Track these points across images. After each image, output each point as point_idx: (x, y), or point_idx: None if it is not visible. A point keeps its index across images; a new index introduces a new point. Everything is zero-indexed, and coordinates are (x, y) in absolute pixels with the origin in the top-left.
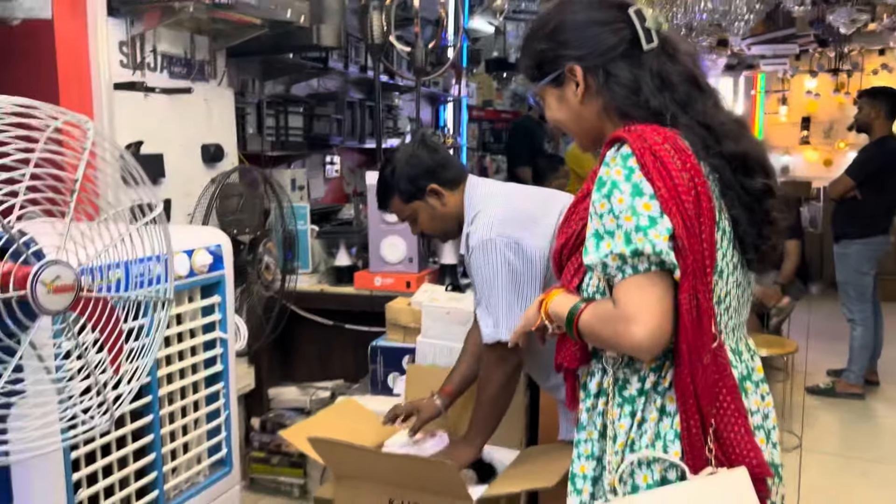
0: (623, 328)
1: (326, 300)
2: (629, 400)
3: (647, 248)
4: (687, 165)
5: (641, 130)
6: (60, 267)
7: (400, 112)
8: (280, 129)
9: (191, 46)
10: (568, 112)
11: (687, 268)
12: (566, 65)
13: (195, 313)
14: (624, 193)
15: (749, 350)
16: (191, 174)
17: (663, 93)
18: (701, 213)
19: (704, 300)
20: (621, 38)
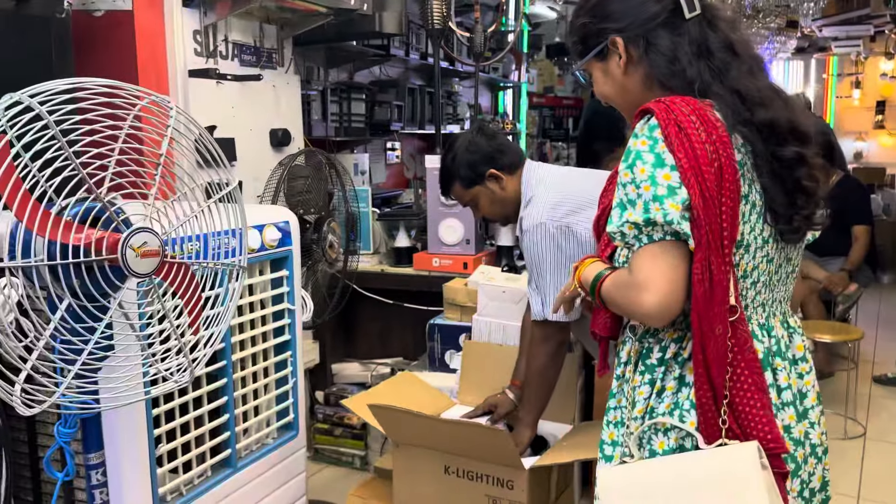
0: (635, 295)
1: (386, 280)
2: (650, 368)
3: (659, 218)
4: (712, 137)
5: (670, 102)
6: (147, 234)
7: (459, 98)
8: (343, 115)
9: (260, 35)
10: (613, 85)
11: (701, 238)
12: (609, 37)
13: (265, 285)
14: (646, 164)
15: (787, 327)
16: (260, 158)
17: (700, 60)
18: (722, 185)
19: (718, 272)
20: (663, 6)
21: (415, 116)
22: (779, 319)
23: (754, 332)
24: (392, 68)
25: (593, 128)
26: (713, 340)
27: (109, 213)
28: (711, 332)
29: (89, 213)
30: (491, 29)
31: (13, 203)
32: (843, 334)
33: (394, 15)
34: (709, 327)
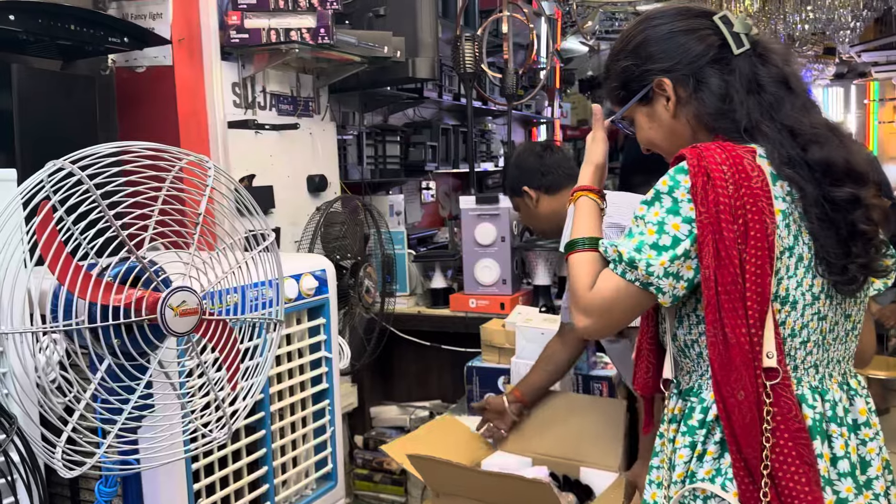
0: (581, 311)
1: (423, 321)
2: (691, 430)
3: (641, 265)
4: (741, 191)
5: (703, 148)
6: (186, 293)
7: (493, 136)
8: (378, 157)
9: (296, 85)
10: (660, 129)
11: (711, 299)
12: (654, 79)
13: (303, 334)
14: (662, 207)
15: (847, 389)
16: (298, 204)
17: (750, 97)
18: (747, 243)
19: (736, 333)
20: (709, 44)
21: (448, 156)
22: (836, 381)
23: (804, 396)
24: (426, 109)
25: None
26: (737, 407)
27: (148, 274)
28: (733, 398)
29: (130, 273)
30: (523, 70)
31: (55, 268)
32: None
33: (426, 60)
34: (729, 392)
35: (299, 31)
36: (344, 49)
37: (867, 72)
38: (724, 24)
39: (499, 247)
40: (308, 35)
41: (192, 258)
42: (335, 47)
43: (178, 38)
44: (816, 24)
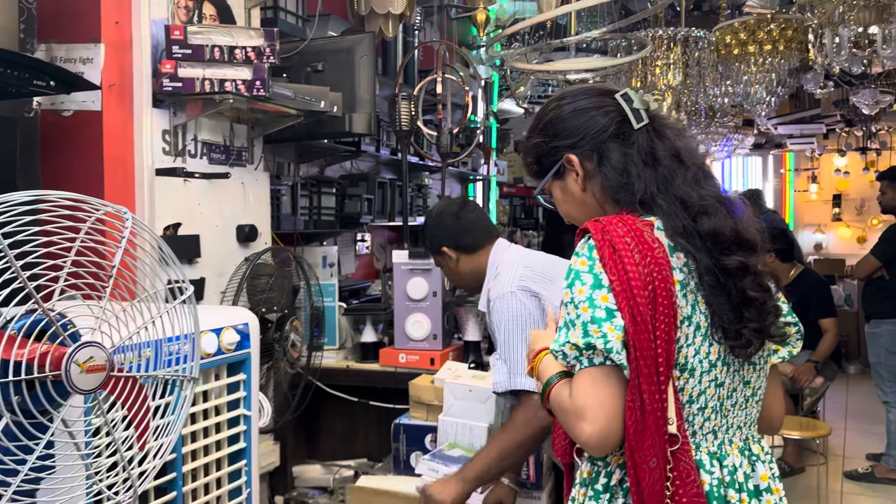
0: (573, 421)
1: (352, 376)
2: (596, 494)
3: (598, 343)
4: (647, 259)
5: (606, 222)
6: (94, 348)
7: (429, 191)
8: (313, 208)
9: (230, 134)
10: (573, 202)
11: (631, 365)
12: (562, 155)
13: (221, 390)
14: (585, 284)
15: (750, 454)
16: (225, 254)
17: (647, 169)
18: (657, 309)
19: (651, 400)
20: (611, 119)
21: (385, 209)
22: (737, 447)
23: (701, 462)
24: (363, 163)
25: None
26: (647, 473)
27: (55, 328)
28: (645, 464)
29: (35, 326)
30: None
31: None
32: (812, 430)
33: (363, 116)
34: (642, 459)
35: (234, 82)
36: (280, 102)
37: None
38: (625, 100)
39: (430, 301)
40: (243, 87)
41: (103, 311)
42: (271, 100)
43: (109, 84)
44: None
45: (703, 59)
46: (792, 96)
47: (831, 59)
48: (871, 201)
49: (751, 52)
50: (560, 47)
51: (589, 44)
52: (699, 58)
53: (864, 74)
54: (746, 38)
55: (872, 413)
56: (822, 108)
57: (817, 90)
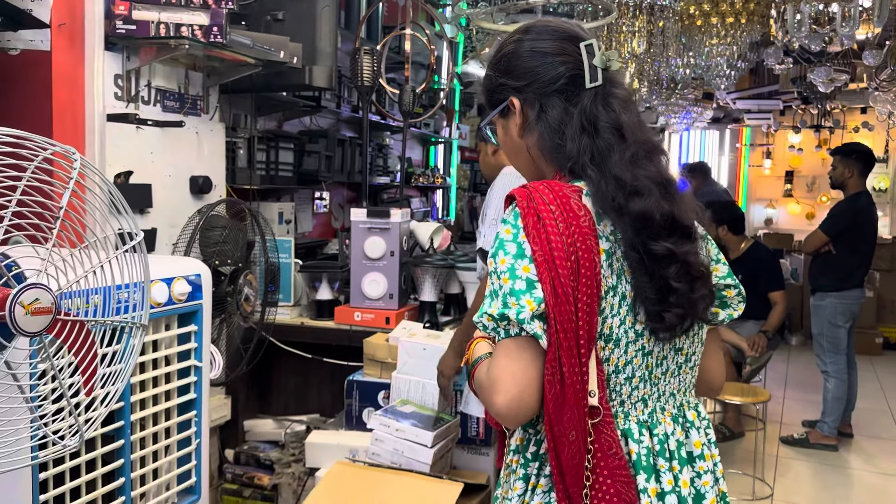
0: (487, 394)
1: (306, 333)
2: (526, 462)
3: (511, 314)
4: (571, 229)
5: (532, 189)
6: (39, 290)
7: (390, 151)
8: (270, 163)
9: (185, 81)
10: (511, 145)
11: (551, 337)
12: (508, 96)
13: (171, 341)
14: (508, 254)
15: (684, 421)
16: (178, 205)
17: (584, 136)
18: (579, 280)
19: (570, 373)
20: (566, 68)
21: (344, 167)
22: (670, 414)
23: (630, 431)
24: (322, 119)
25: None
26: (567, 447)
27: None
28: (564, 438)
29: None
30: (421, 87)
31: None
32: (752, 396)
33: (324, 69)
34: (560, 432)
35: (191, 27)
36: (237, 50)
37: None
38: (588, 52)
39: (387, 261)
40: (200, 32)
41: (49, 254)
42: (228, 47)
43: (59, 23)
44: (696, 69)
45: (667, 28)
46: (751, 71)
47: (792, 34)
48: (822, 178)
49: (713, 24)
50: (526, 8)
51: (555, 7)
52: (663, 27)
53: (822, 52)
54: (710, 9)
55: (811, 382)
56: (781, 85)
57: (776, 66)
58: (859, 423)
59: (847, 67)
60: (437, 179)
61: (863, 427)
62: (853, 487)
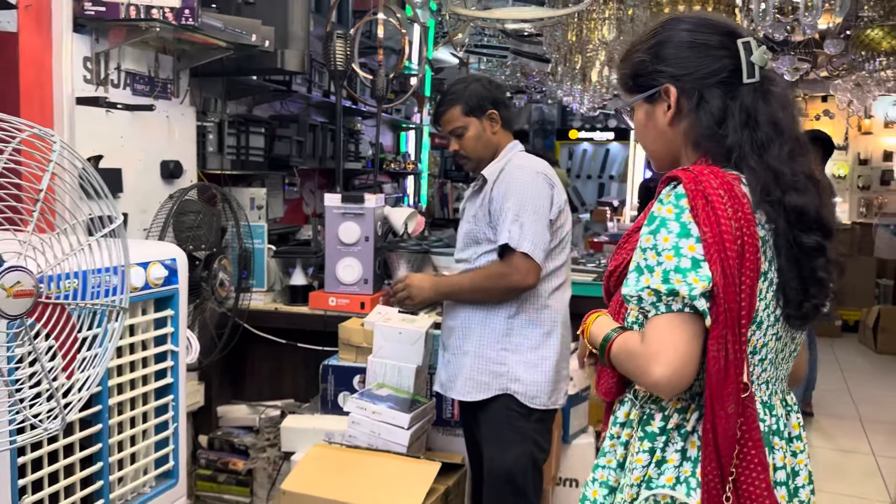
0: (644, 364)
1: (280, 319)
2: (650, 436)
3: (682, 290)
4: (738, 214)
5: (698, 172)
6: (20, 273)
7: (362, 137)
8: (241, 148)
9: (155, 65)
10: (653, 132)
11: (719, 316)
12: (663, 83)
13: (148, 325)
14: (671, 232)
15: (785, 405)
16: (149, 190)
17: (744, 130)
18: (744, 263)
19: (734, 350)
20: (723, 65)
21: (316, 153)
22: (779, 398)
23: (758, 410)
24: (293, 103)
25: None
26: (724, 419)
27: None
28: (723, 411)
29: None
30: (392, 75)
31: None
32: None
33: (296, 53)
34: (720, 406)
35: (161, 9)
36: (209, 33)
37: None
38: (745, 49)
39: (362, 246)
40: (171, 15)
41: (29, 237)
42: (199, 30)
43: (25, 4)
44: None
45: (636, 15)
46: None
47: (757, 23)
48: None
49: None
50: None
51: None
52: (633, 14)
53: (785, 41)
54: None
55: None
56: None
57: None
58: (819, 402)
59: (809, 57)
60: (408, 165)
61: (822, 406)
62: (813, 465)
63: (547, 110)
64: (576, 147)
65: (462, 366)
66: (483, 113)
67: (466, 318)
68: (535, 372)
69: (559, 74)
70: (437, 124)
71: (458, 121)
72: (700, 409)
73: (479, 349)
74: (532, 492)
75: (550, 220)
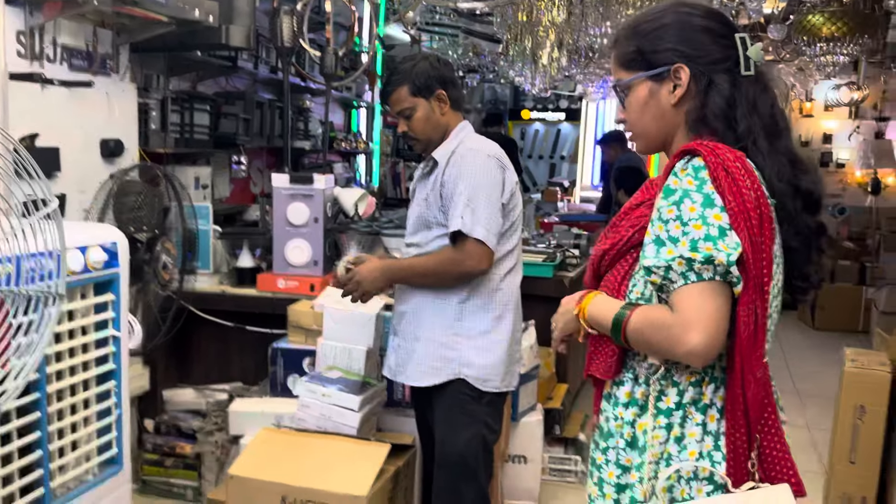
0: (679, 333)
1: (227, 301)
2: (665, 412)
3: (720, 257)
4: (754, 185)
5: (714, 146)
6: None
7: (311, 115)
8: (185, 126)
9: (93, 39)
10: (653, 111)
11: (749, 282)
12: (676, 62)
13: (88, 310)
14: (696, 203)
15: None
16: (88, 169)
17: (753, 116)
18: (764, 232)
19: (762, 316)
20: (729, 54)
21: (263, 131)
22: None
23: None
24: (239, 80)
25: None
26: (754, 384)
27: None
28: (753, 376)
29: None
30: (342, 51)
31: None
32: None
33: (242, 29)
34: (750, 370)
35: None
36: (149, 7)
37: None
38: (741, 44)
39: (311, 227)
40: None
41: None
42: (140, 4)
43: None
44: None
45: None
46: None
47: None
48: None
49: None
50: None
51: None
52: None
53: None
54: None
55: None
56: None
57: None
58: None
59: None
60: (359, 144)
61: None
62: None
63: (500, 90)
64: (528, 127)
65: (413, 350)
66: (431, 93)
67: (418, 303)
68: (488, 356)
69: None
70: (385, 104)
71: (405, 101)
72: (714, 381)
73: (431, 334)
74: (483, 473)
75: (503, 203)
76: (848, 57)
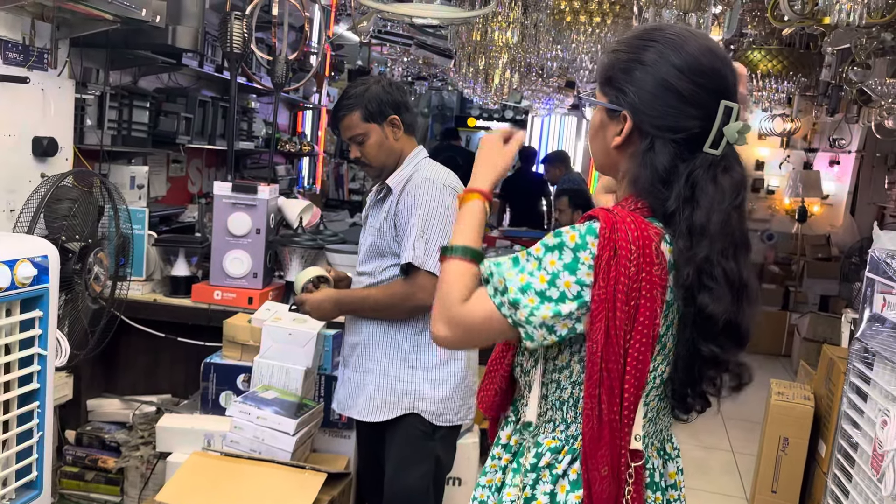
0: (448, 314)
1: (159, 311)
2: (522, 471)
3: (522, 310)
4: (642, 275)
5: (620, 219)
6: None
7: (256, 115)
8: (123, 123)
9: (31, 32)
10: (602, 142)
11: (593, 375)
12: (623, 108)
13: (13, 328)
14: (562, 259)
15: (663, 454)
16: (19, 168)
17: (685, 206)
18: (633, 328)
19: (610, 412)
20: (688, 125)
21: (205, 130)
22: (656, 448)
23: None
24: (182, 77)
25: None
26: (599, 481)
27: None
28: (597, 472)
29: None
30: (293, 56)
31: None
32: None
33: (189, 30)
34: (594, 466)
35: None
36: (94, 4)
37: None
38: (724, 114)
39: (253, 238)
40: None
41: None
42: (84, 1)
43: None
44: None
45: (539, 21)
46: None
47: None
48: None
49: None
50: None
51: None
52: (536, 20)
53: None
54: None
55: None
56: None
57: None
58: None
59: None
60: (304, 147)
61: None
62: None
63: (447, 96)
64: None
65: (365, 384)
66: (384, 119)
67: (370, 336)
68: (443, 388)
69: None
70: (336, 130)
71: (357, 127)
72: (573, 452)
73: (385, 367)
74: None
75: None
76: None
